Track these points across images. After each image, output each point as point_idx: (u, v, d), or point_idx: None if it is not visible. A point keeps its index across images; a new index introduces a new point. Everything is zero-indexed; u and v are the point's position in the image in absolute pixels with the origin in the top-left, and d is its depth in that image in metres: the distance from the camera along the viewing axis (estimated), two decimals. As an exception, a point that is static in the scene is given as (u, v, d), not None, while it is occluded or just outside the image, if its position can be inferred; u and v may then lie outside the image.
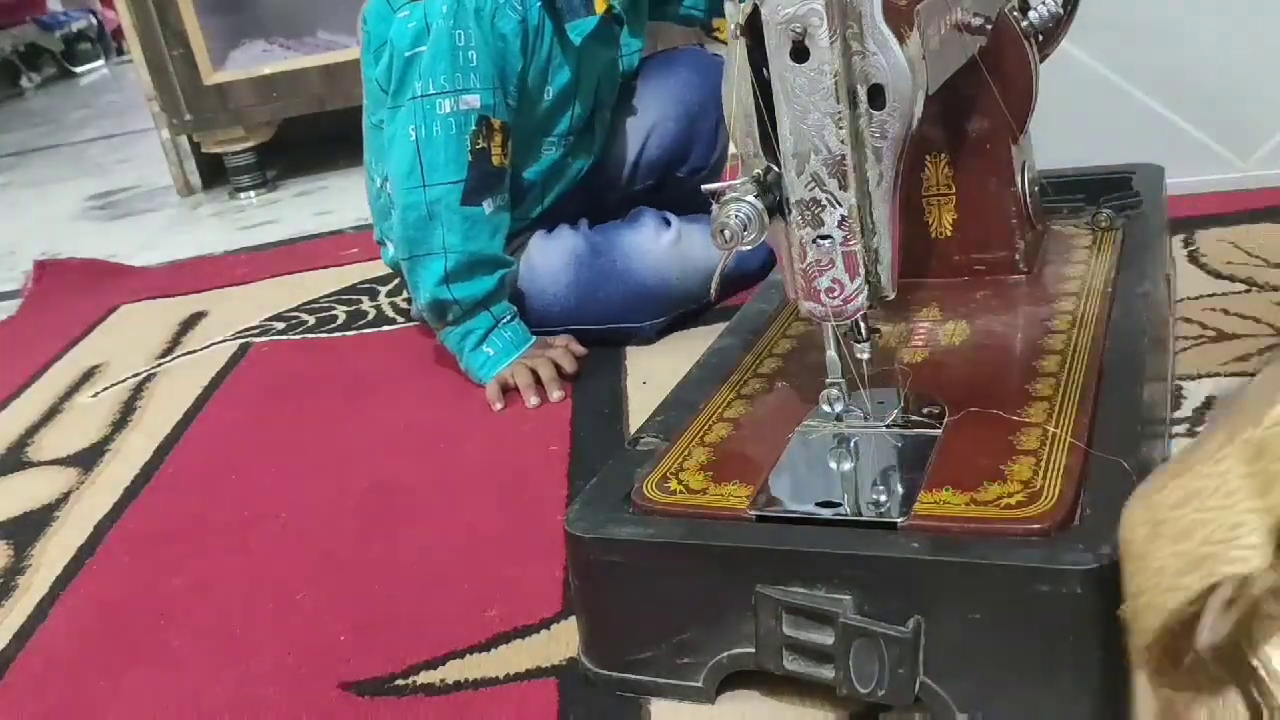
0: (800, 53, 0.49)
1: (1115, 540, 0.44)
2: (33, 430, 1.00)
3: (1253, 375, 0.70)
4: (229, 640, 0.64)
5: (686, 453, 0.57)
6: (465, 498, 0.74)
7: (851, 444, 0.56)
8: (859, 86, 0.50)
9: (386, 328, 1.09)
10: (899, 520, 0.49)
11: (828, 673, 0.48)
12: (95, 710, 0.60)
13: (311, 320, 1.15)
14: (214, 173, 1.93)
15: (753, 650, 0.50)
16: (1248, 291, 0.81)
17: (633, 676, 0.53)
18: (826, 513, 0.51)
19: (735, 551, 0.50)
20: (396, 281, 1.22)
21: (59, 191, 2.24)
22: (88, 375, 1.11)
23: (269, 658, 0.61)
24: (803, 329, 0.68)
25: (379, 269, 1.27)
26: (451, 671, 0.57)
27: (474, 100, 0.84)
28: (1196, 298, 0.82)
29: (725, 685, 0.52)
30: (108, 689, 0.61)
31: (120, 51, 4.49)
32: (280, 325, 1.15)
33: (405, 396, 0.92)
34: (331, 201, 1.73)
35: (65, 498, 0.85)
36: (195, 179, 1.93)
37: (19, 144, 3.10)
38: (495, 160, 0.86)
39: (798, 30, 0.48)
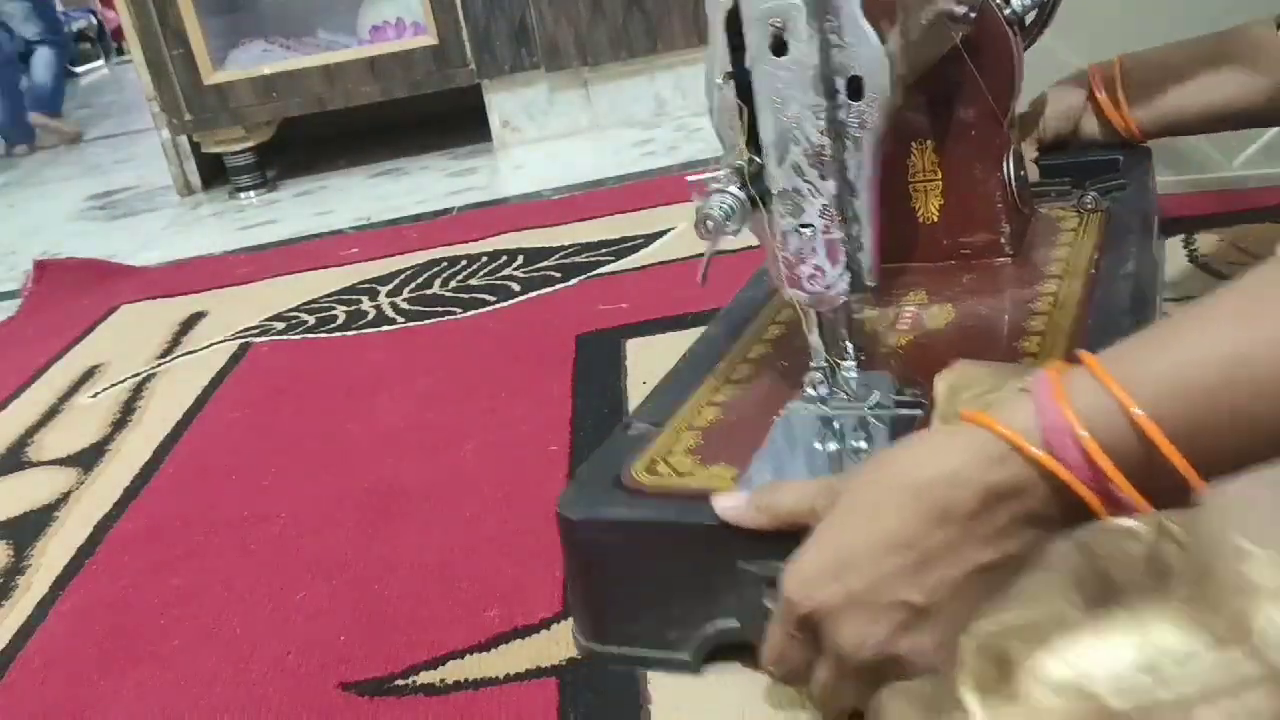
0: (780, 46, 0.50)
1: None
2: (33, 430, 1.00)
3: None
4: (229, 640, 0.64)
5: (675, 437, 0.59)
6: (465, 498, 0.74)
7: (835, 426, 0.56)
8: (837, 78, 0.51)
9: (386, 328, 1.09)
10: None
11: None
12: (95, 710, 0.60)
13: (311, 320, 1.15)
14: (214, 173, 1.93)
15: (737, 623, 0.51)
16: (1247, 291, 0.81)
17: (622, 650, 0.55)
18: None
19: (719, 529, 0.51)
20: (397, 281, 1.22)
21: (59, 191, 2.24)
22: (88, 375, 1.11)
23: (269, 658, 0.61)
24: (791, 315, 0.68)
25: (379, 269, 1.28)
26: (451, 672, 0.57)
27: None
28: (1196, 298, 0.81)
29: (711, 658, 0.53)
30: (108, 689, 0.61)
31: (120, 52, 4.49)
32: (280, 325, 1.15)
33: (405, 396, 0.92)
34: (331, 201, 1.73)
35: (65, 498, 0.85)
36: (195, 179, 1.93)
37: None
38: None
39: (778, 24, 0.50)
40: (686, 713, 0.52)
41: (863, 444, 0.55)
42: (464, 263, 1.24)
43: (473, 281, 1.18)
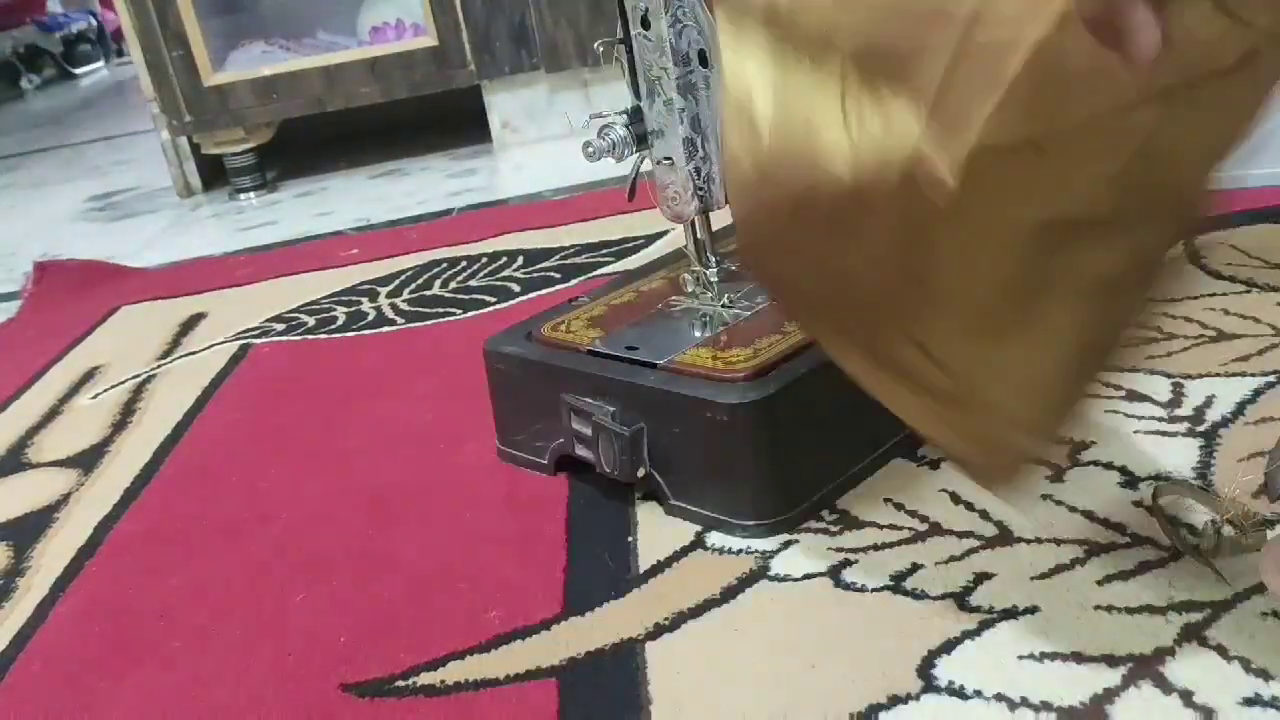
0: (646, 22, 0.67)
1: (771, 389, 0.62)
2: (33, 431, 1.00)
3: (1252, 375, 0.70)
4: (229, 640, 0.64)
5: (590, 309, 0.76)
6: (465, 498, 0.74)
7: (694, 315, 0.72)
8: (691, 50, 0.67)
9: (386, 329, 1.09)
10: (659, 362, 0.66)
11: (591, 454, 0.67)
12: (95, 710, 0.60)
13: (311, 321, 1.15)
14: (214, 174, 1.93)
15: (572, 443, 0.69)
16: (1248, 292, 0.82)
17: (514, 452, 0.76)
18: (625, 354, 0.68)
19: (561, 370, 0.70)
20: (397, 282, 1.22)
21: (59, 192, 2.24)
22: (88, 376, 1.11)
23: (268, 658, 0.61)
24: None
25: (379, 269, 1.28)
26: (452, 673, 0.57)
27: None
28: (1196, 298, 0.82)
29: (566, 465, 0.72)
30: (108, 689, 0.61)
31: (120, 53, 4.49)
32: (280, 326, 1.15)
33: (405, 397, 0.92)
34: (331, 202, 1.73)
35: (65, 499, 0.85)
36: (195, 180, 1.93)
37: (19, 145, 3.10)
38: None
39: (642, 6, 0.66)
40: (688, 714, 0.52)
41: (708, 332, 0.70)
42: (464, 264, 1.25)
43: (472, 283, 1.18)
